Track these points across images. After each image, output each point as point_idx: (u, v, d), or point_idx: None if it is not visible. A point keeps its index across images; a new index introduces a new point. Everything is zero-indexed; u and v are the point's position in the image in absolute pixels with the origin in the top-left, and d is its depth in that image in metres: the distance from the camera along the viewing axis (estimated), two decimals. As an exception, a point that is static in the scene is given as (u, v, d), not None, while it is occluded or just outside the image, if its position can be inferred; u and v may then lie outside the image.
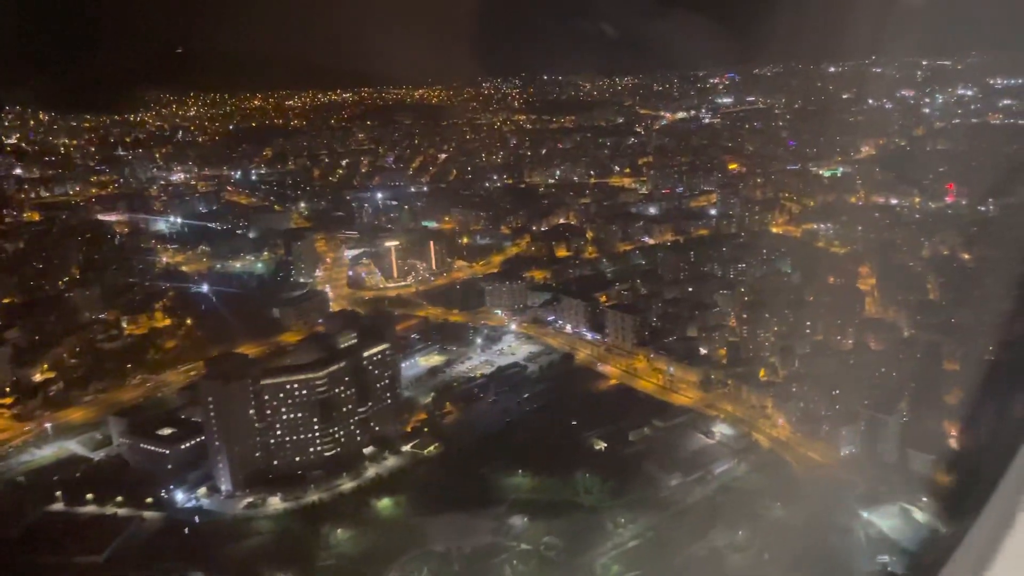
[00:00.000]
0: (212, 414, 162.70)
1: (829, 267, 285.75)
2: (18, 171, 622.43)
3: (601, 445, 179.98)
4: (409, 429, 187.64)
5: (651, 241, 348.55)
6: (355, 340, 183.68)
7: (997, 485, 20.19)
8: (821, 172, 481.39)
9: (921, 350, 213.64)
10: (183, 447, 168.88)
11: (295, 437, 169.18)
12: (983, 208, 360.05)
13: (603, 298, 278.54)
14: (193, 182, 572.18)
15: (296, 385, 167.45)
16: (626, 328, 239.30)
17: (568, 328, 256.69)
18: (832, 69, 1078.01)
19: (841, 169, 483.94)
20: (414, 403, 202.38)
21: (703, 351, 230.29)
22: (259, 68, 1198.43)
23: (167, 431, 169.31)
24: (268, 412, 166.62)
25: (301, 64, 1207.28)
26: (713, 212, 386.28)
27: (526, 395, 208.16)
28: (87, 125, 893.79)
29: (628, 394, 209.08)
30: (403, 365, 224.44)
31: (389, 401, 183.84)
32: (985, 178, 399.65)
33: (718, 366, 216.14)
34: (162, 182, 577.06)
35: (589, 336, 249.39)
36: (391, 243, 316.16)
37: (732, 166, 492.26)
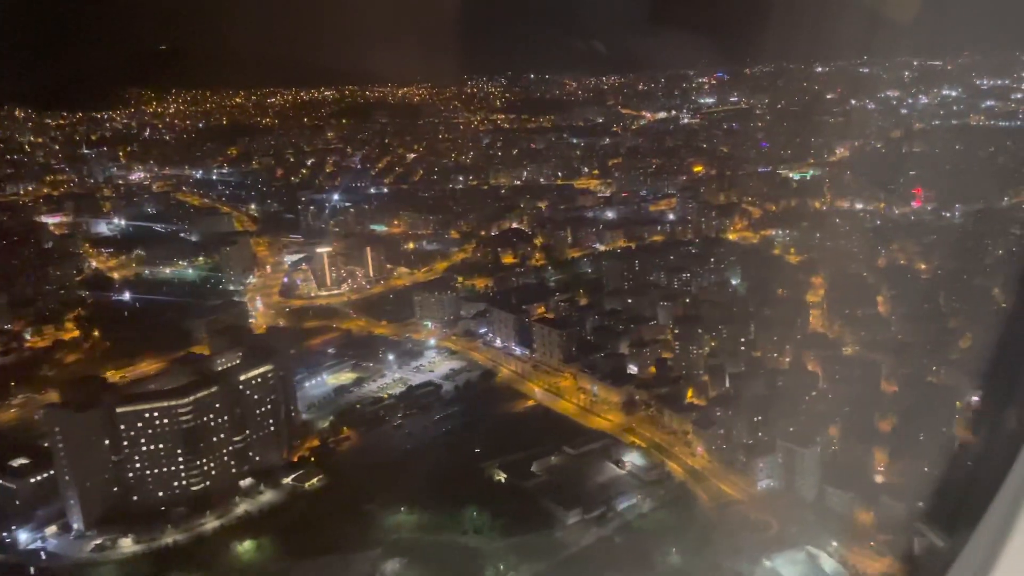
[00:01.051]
0: (61, 445, 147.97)
1: (780, 277, 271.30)
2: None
3: (501, 476, 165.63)
4: (296, 459, 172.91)
5: (602, 247, 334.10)
6: (237, 361, 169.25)
7: (995, 495, 20.80)
8: (791, 175, 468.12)
9: (860, 370, 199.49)
10: (34, 480, 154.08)
11: (157, 470, 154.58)
12: (948, 214, 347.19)
13: (541, 309, 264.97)
14: (148, 182, 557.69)
15: (157, 413, 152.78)
16: (552, 344, 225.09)
17: (498, 342, 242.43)
18: (820, 69, 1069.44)
19: (812, 172, 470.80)
20: (310, 428, 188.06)
21: (633, 368, 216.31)
22: (243, 65, 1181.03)
23: (20, 462, 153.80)
24: (125, 443, 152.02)
25: (286, 61, 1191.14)
26: (672, 217, 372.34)
27: (436, 417, 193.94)
28: (59, 123, 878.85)
29: (544, 417, 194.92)
30: (309, 384, 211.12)
31: (272, 428, 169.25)
32: (956, 183, 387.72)
33: (645, 385, 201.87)
34: (119, 182, 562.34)
35: (518, 351, 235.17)
36: (323, 249, 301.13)
37: (697, 168, 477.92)
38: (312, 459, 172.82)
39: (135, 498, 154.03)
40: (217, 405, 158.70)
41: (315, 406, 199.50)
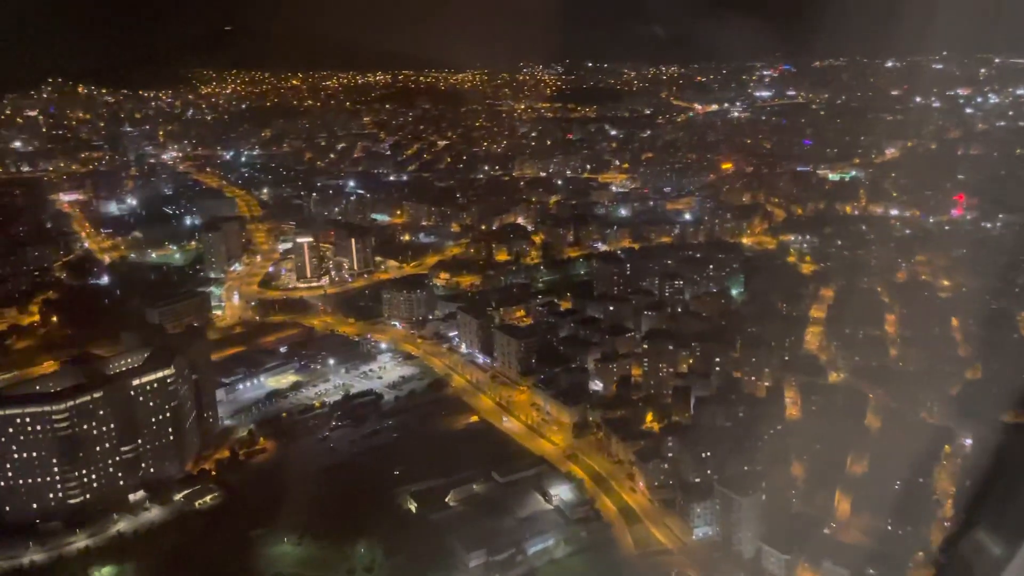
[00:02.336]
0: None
1: (786, 288, 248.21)
2: (17, 144, 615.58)
3: (412, 505, 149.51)
4: (198, 472, 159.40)
5: (603, 247, 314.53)
6: (137, 363, 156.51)
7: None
8: (829, 175, 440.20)
9: (843, 401, 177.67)
10: None
11: (29, 481, 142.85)
12: (988, 225, 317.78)
13: (520, 312, 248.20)
14: (175, 162, 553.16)
15: (29, 419, 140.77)
16: (511, 353, 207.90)
17: (464, 347, 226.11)
18: (890, 64, 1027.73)
19: (853, 173, 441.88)
20: (225, 437, 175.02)
21: (597, 384, 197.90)
22: (305, 48, 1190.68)
23: None
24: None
25: (347, 45, 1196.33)
26: (688, 217, 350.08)
27: (366, 432, 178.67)
28: (108, 100, 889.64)
29: (485, 435, 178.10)
30: (244, 386, 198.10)
31: (171, 437, 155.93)
32: (1006, 190, 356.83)
33: (603, 405, 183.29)
34: (151, 160, 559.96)
35: (480, 359, 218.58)
36: (304, 239, 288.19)
37: (726, 165, 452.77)
38: (214, 473, 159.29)
39: (7, 509, 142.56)
40: (102, 411, 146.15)
41: (242, 412, 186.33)
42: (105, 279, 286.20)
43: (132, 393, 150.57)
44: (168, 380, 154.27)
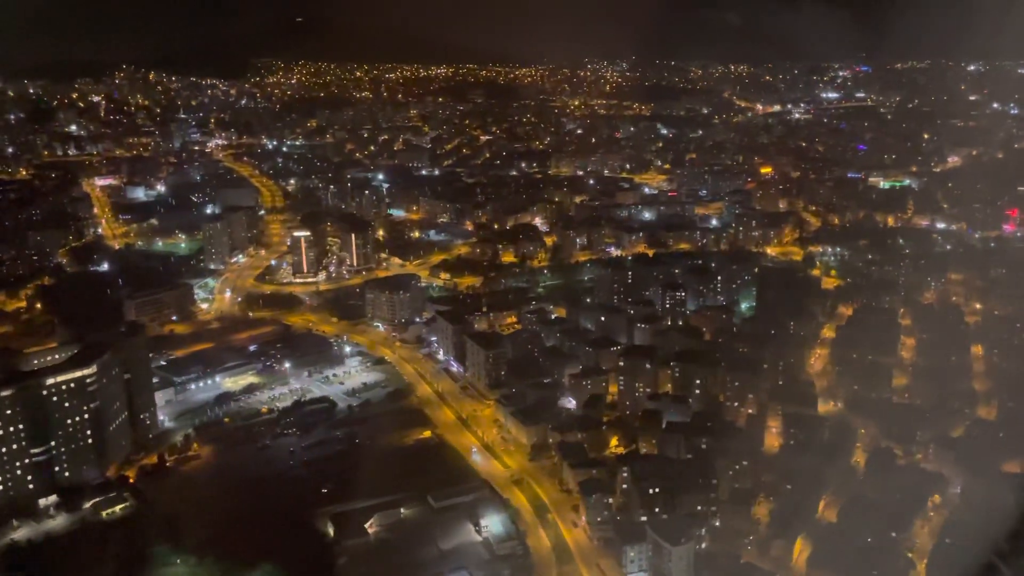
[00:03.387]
0: None
1: (801, 304, 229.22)
2: (73, 128, 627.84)
3: (330, 529, 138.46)
4: (117, 477, 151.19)
5: (616, 252, 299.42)
6: (61, 361, 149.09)
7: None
8: (881, 183, 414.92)
9: (829, 435, 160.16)
10: None
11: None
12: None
13: (511, 319, 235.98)
14: (215, 150, 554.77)
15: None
16: (479, 364, 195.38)
17: (441, 354, 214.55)
18: (972, 68, 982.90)
19: (907, 181, 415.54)
20: (159, 441, 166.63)
21: (570, 401, 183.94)
22: (375, 41, 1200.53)
23: None
24: None
25: (417, 38, 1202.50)
26: (715, 223, 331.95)
27: (311, 442, 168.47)
28: (168, 87, 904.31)
29: (434, 453, 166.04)
30: (197, 387, 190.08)
31: (90, 440, 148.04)
32: None
33: (567, 425, 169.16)
34: (194, 147, 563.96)
35: (455, 367, 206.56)
36: (301, 233, 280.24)
37: (765, 169, 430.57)
38: (132, 480, 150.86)
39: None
40: (10, 411, 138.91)
41: (186, 414, 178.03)
42: (105, 266, 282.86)
43: (45, 393, 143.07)
44: (88, 380, 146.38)
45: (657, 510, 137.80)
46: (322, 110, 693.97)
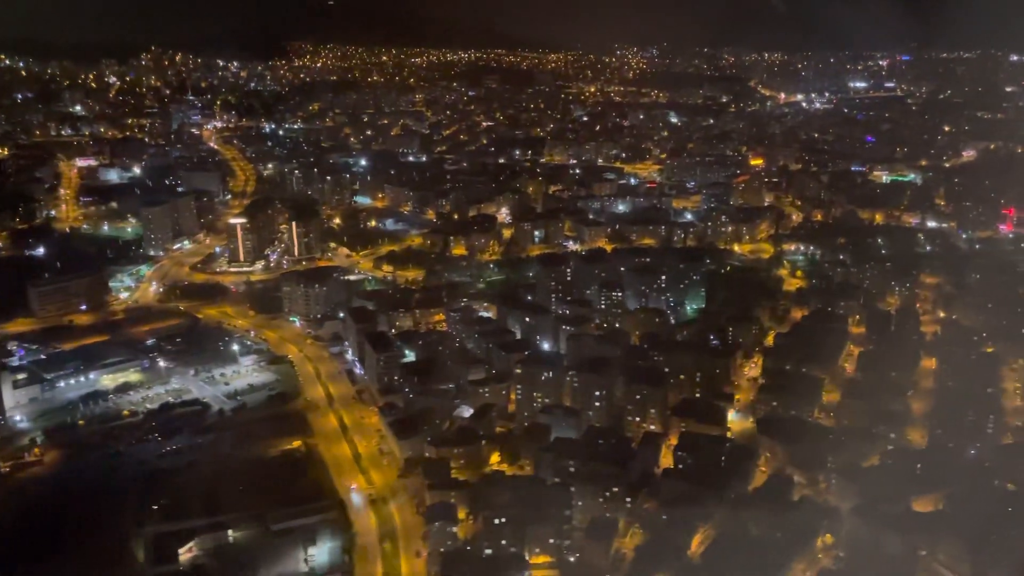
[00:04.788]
0: None
1: (750, 307, 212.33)
2: (77, 108, 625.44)
3: (141, 553, 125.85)
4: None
5: (574, 247, 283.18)
6: None
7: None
8: (883, 177, 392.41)
9: (726, 461, 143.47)
10: None
11: None
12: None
13: (438, 316, 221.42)
14: (209, 133, 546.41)
15: None
16: (372, 367, 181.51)
17: (349, 355, 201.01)
18: (1015, 58, 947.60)
19: (912, 176, 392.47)
20: (10, 443, 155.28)
21: (467, 410, 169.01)
22: (404, 25, 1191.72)
23: None
24: None
25: (447, 22, 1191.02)
26: (689, 217, 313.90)
27: (170, 449, 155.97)
28: (180, 68, 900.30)
29: (297, 466, 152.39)
30: (67, 384, 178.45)
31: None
32: None
33: (450, 439, 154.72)
34: (192, 129, 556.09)
35: (358, 369, 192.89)
36: (237, 220, 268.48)
37: (756, 161, 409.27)
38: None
39: None
40: None
41: (48, 414, 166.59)
42: (40, 251, 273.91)
43: None
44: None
45: (504, 542, 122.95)
46: (326, 93, 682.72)
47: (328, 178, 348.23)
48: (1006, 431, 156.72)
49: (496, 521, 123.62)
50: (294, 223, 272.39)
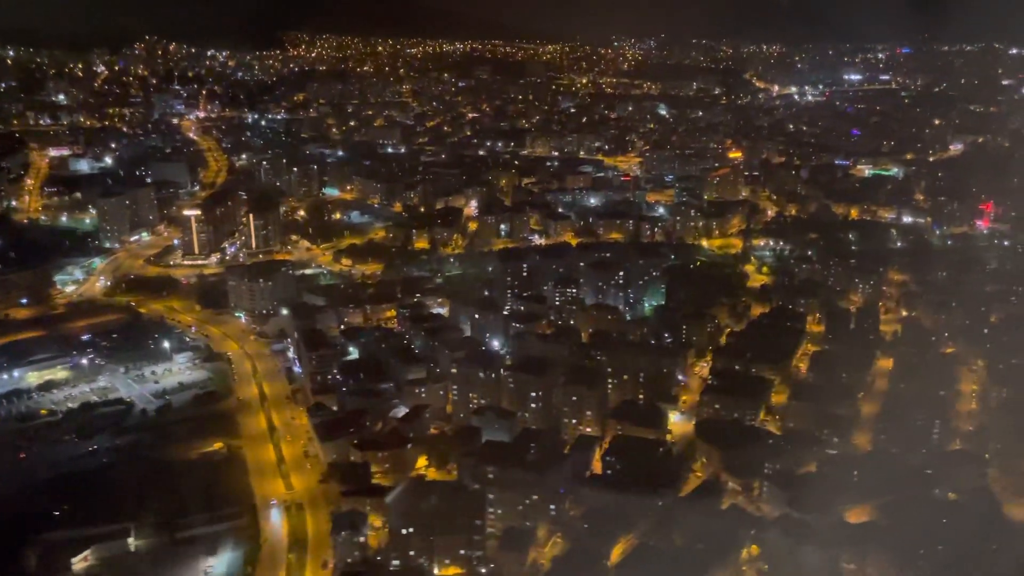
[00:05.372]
0: None
1: (709, 305, 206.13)
2: (61, 97, 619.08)
3: (33, 562, 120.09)
4: None
5: (539, 241, 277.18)
6: None
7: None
8: (865, 171, 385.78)
9: (653, 467, 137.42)
10: None
11: None
12: (1006, 243, 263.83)
13: (389, 313, 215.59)
14: (191, 123, 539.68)
15: None
16: (307, 366, 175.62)
17: (292, 351, 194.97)
18: (1015, 51, 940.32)
19: (895, 170, 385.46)
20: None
21: (402, 412, 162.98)
22: (403, 14, 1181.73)
23: None
24: None
25: (447, 12, 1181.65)
26: (661, 211, 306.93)
27: (84, 451, 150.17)
28: (169, 58, 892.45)
29: (216, 469, 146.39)
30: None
31: None
32: None
33: (381, 442, 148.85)
34: (174, 120, 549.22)
35: (299, 368, 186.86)
36: (191, 212, 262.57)
37: (734, 155, 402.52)
38: None
39: None
40: None
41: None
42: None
43: None
44: None
45: (412, 553, 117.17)
46: (311, 84, 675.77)
47: (295, 169, 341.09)
48: (956, 436, 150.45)
49: (403, 531, 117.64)
50: (251, 215, 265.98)
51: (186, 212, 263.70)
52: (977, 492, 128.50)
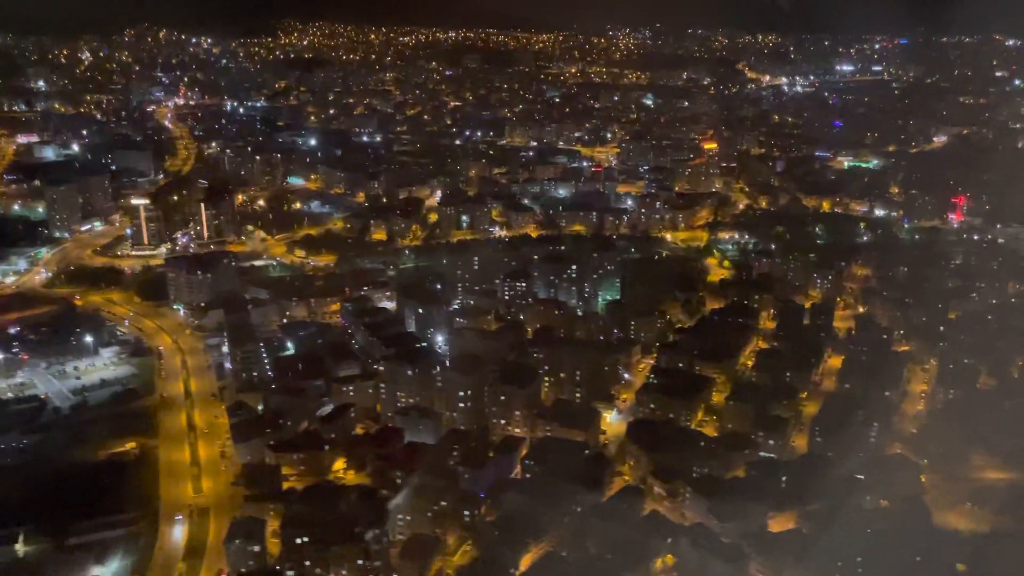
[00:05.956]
0: None
1: (663, 300, 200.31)
2: (40, 83, 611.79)
3: None
4: None
5: (500, 233, 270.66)
6: None
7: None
8: (844, 163, 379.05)
9: (578, 470, 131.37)
10: None
11: None
12: (975, 237, 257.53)
13: (335, 306, 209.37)
14: (169, 110, 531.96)
15: None
16: (234, 363, 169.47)
17: (225, 347, 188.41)
18: (1012, 42, 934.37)
19: (875, 162, 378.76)
20: None
21: (329, 410, 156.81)
22: (399, 2, 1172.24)
23: None
24: None
25: (442, 0, 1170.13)
26: (629, 203, 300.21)
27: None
28: (151, 44, 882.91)
29: (125, 471, 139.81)
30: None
31: None
32: None
33: (290, 445, 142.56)
34: (150, 107, 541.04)
35: (228, 365, 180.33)
36: (139, 201, 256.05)
37: (710, 146, 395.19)
38: None
39: None
40: None
41: None
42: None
43: None
44: None
45: (308, 563, 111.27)
46: (294, 71, 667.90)
47: (257, 158, 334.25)
48: (898, 440, 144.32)
49: (297, 540, 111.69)
50: (202, 205, 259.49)
51: (134, 201, 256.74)
52: (908, 500, 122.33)
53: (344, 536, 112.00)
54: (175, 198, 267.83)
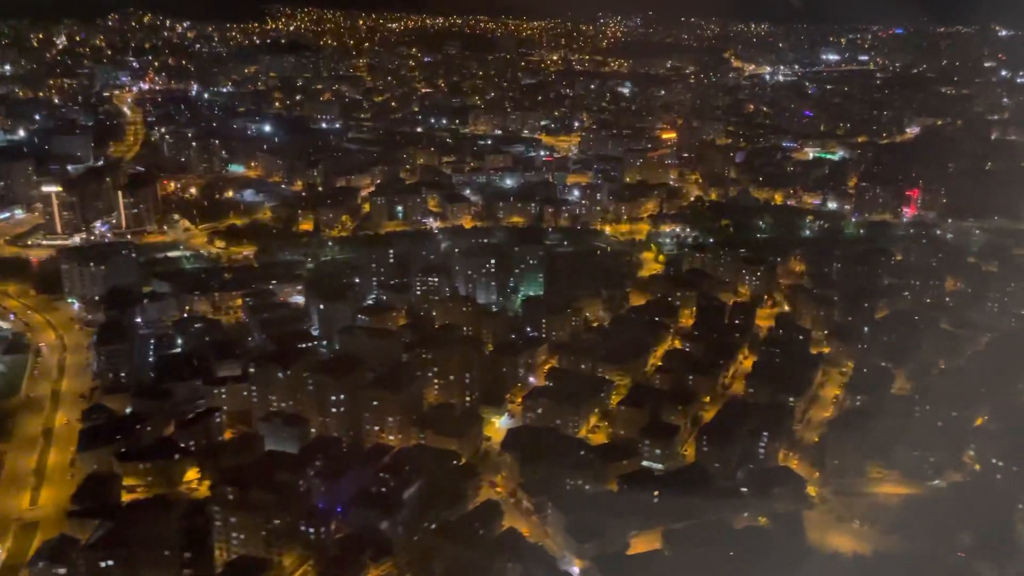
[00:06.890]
0: None
1: (584, 297, 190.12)
2: (6, 68, 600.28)
3: None
4: None
5: (432, 224, 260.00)
6: None
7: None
8: (809, 154, 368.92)
9: (442, 481, 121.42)
10: None
11: None
12: (921, 233, 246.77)
13: (239, 302, 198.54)
14: (132, 95, 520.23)
15: None
16: (103, 362, 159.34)
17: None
18: (1004, 33, 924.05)
19: (840, 153, 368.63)
20: None
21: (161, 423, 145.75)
22: None
23: None
24: None
25: None
26: (576, 193, 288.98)
27: None
28: (126, 28, 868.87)
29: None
30: None
31: None
32: (1003, 189, 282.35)
33: (139, 453, 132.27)
34: (115, 91, 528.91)
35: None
36: (50, 188, 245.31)
37: (668, 135, 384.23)
38: None
39: None
40: None
41: None
42: None
43: None
44: None
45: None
46: (264, 56, 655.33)
47: (194, 144, 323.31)
48: (795, 450, 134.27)
49: (102, 563, 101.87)
50: (120, 192, 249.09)
51: (44, 188, 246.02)
52: (786, 518, 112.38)
53: (156, 559, 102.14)
54: (99, 185, 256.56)
